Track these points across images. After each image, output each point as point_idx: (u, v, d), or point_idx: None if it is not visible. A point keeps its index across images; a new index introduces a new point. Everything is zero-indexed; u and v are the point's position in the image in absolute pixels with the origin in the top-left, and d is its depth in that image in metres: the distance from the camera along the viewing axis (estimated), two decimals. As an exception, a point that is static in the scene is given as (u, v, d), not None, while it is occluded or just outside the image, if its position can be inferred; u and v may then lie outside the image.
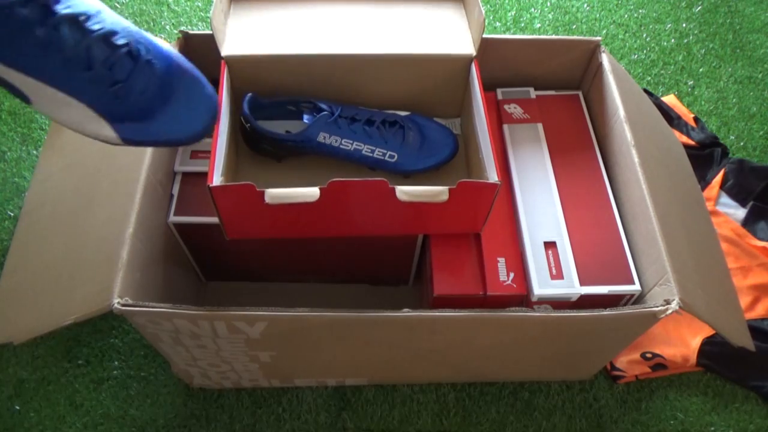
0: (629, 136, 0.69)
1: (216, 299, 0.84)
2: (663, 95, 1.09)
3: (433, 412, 0.79)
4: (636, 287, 0.65)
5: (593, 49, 0.77)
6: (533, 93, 0.80)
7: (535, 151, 0.74)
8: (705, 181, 0.98)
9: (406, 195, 0.59)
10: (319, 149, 0.69)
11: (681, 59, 1.14)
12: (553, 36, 1.15)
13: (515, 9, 1.19)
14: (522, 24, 1.17)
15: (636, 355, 0.82)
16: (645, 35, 1.17)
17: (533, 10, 1.19)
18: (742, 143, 1.05)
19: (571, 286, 0.65)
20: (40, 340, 0.81)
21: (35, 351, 0.80)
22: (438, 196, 0.60)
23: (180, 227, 0.69)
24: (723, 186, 0.97)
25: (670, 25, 1.19)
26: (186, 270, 0.78)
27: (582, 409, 0.80)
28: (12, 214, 0.90)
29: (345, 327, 0.62)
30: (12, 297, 0.63)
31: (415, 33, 0.71)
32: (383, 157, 0.70)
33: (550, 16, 1.19)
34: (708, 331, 0.83)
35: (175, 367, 0.72)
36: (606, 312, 0.60)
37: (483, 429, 0.78)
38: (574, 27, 1.18)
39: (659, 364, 0.82)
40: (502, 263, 0.67)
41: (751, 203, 0.95)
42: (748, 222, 0.94)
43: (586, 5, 1.21)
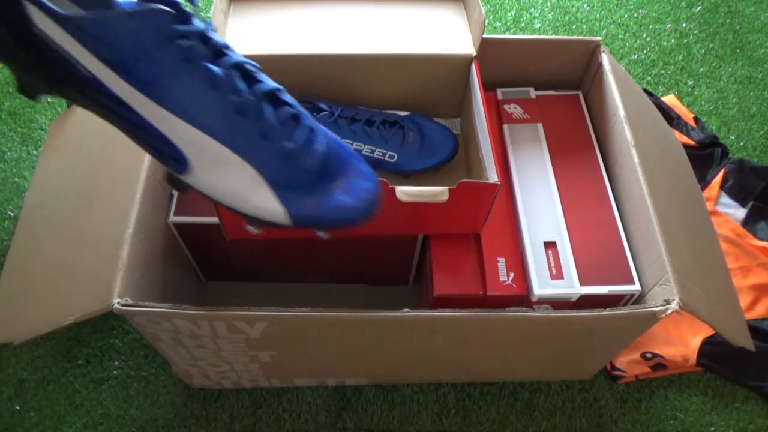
0: (629, 136, 0.69)
1: (216, 299, 0.84)
2: (663, 95, 1.09)
3: (433, 412, 0.79)
4: (636, 287, 0.65)
5: (593, 49, 0.77)
6: (533, 93, 0.80)
7: (535, 151, 0.74)
8: (705, 181, 0.98)
9: (406, 195, 0.59)
10: (319, 149, 0.69)
11: (681, 59, 1.14)
12: (553, 36, 1.15)
13: (515, 9, 1.19)
14: (522, 24, 1.17)
15: (636, 355, 0.82)
16: (645, 35, 1.17)
17: (533, 10, 1.19)
18: (742, 143, 1.05)
19: (571, 286, 0.65)
20: (40, 340, 0.81)
21: (35, 351, 0.80)
22: (438, 196, 0.60)
23: (180, 227, 0.69)
24: (723, 186, 0.97)
25: (670, 25, 1.19)
26: (186, 270, 0.78)
27: (582, 409, 0.80)
28: (12, 214, 0.90)
29: (345, 327, 0.62)
30: (12, 297, 0.63)
31: (415, 33, 0.71)
32: (383, 158, 0.70)
33: (550, 16, 1.19)
34: (708, 331, 0.83)
35: (175, 367, 0.72)
36: (606, 312, 0.60)
37: (483, 429, 0.78)
38: (574, 27, 1.18)
39: (659, 364, 0.82)
40: (502, 263, 0.67)
41: (751, 203, 0.95)
42: (748, 222, 0.94)
43: (586, 5, 1.21)
